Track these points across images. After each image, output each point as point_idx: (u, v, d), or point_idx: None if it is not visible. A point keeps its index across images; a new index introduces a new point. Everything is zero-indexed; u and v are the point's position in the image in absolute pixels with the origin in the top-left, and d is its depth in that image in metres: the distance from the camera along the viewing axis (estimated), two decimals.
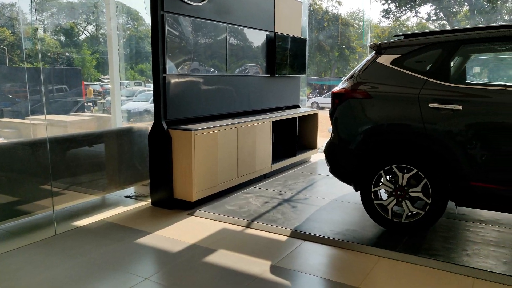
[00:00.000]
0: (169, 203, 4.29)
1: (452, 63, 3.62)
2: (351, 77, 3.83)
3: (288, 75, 6.23)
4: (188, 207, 4.26)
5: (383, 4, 24.86)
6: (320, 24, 22.62)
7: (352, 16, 25.16)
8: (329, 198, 4.62)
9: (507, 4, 21.42)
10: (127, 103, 12.86)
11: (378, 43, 3.72)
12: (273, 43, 5.78)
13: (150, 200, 4.48)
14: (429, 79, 3.39)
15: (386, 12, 25.59)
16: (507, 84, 3.30)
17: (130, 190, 4.91)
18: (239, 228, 3.80)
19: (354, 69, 3.90)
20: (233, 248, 3.36)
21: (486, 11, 20.91)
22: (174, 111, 4.31)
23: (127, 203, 4.51)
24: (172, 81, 4.25)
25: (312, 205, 4.40)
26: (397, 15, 25.64)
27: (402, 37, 3.69)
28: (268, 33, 5.73)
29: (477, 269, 2.97)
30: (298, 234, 3.62)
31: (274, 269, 3.01)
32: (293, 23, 6.35)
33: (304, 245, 3.44)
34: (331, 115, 3.88)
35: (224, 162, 4.55)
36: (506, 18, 20.93)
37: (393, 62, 3.57)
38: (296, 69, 6.37)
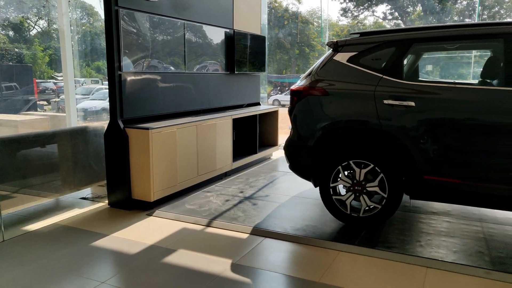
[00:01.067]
0: (127, 203, 4.18)
1: (405, 61, 3.73)
2: (309, 74, 3.87)
3: (248, 72, 6.23)
4: (147, 207, 4.17)
5: (341, 3, 25.39)
6: (280, 21, 22.79)
7: (311, 14, 25.54)
8: (290, 195, 4.66)
9: (456, 6, 22.45)
10: (83, 101, 12.44)
11: (335, 41, 3.78)
12: (232, 40, 5.75)
13: (107, 201, 4.35)
14: (384, 77, 3.48)
15: (345, 11, 26.18)
16: (456, 81, 3.44)
17: (86, 192, 4.75)
18: (200, 228, 3.76)
19: (312, 67, 3.95)
20: (194, 248, 3.32)
21: (437, 11, 21.81)
22: (131, 110, 4.19)
23: (83, 205, 4.35)
24: (129, 78, 4.13)
25: (273, 202, 4.42)
26: (355, 13, 26.29)
27: (358, 35, 3.77)
28: (227, 30, 5.70)
29: (430, 259, 3.09)
30: (259, 232, 3.62)
31: (234, 268, 2.99)
32: (252, 20, 6.35)
33: (265, 242, 3.44)
34: (290, 112, 3.90)
35: (184, 160, 4.49)
36: (455, 18, 21.94)
37: (350, 60, 3.64)
38: (256, 67, 6.38)
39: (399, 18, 25.18)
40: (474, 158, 3.18)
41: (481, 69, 3.60)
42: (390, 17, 25.69)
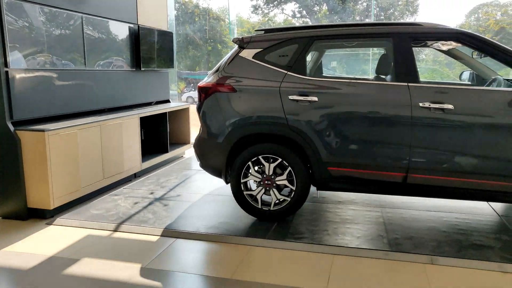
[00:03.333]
0: (23, 213, 3.80)
1: (307, 58, 3.87)
2: (216, 71, 3.84)
3: (156, 69, 6.03)
4: (46, 216, 3.83)
5: (251, 0, 25.77)
6: (191, 18, 22.48)
7: (223, 10, 25.58)
8: (202, 193, 4.61)
9: (357, 7, 24.02)
10: None
11: (241, 37, 3.80)
12: (137, 36, 5.52)
13: None
14: (288, 73, 3.57)
15: (255, 8, 26.60)
16: (356, 77, 3.66)
17: None
18: (106, 233, 3.55)
19: (219, 63, 3.93)
20: (100, 255, 3.12)
21: (341, 11, 23.16)
22: (23, 110, 3.81)
23: None
24: (18, 76, 3.75)
25: (185, 201, 4.33)
26: (266, 11, 26.85)
27: (263, 32, 3.82)
28: (131, 25, 5.45)
29: (336, 246, 3.25)
30: (170, 233, 3.52)
31: (144, 272, 2.87)
32: (158, 15, 6.15)
33: (176, 243, 3.36)
34: (199, 109, 3.85)
35: (87, 163, 4.21)
36: (357, 18, 23.47)
37: (255, 56, 3.68)
38: (163, 63, 6.20)
39: (307, 16, 26.27)
40: (372, 149, 3.41)
41: (376, 66, 3.86)
42: (298, 15, 26.68)
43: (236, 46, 3.84)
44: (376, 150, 3.40)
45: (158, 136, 5.93)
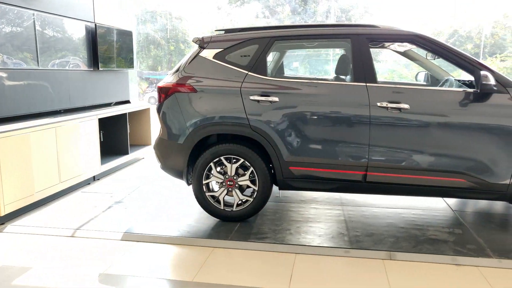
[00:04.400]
0: None
1: (268, 58, 3.88)
2: (176, 71, 3.78)
3: (115, 69, 5.86)
4: None
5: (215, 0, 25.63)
6: (152, 17, 22.09)
7: (185, 10, 25.26)
8: (164, 195, 4.53)
9: (319, 8, 24.42)
10: None
11: (201, 37, 3.76)
12: (95, 34, 5.34)
13: None
14: (249, 73, 3.57)
15: (218, 8, 26.49)
16: (316, 77, 3.70)
17: None
18: (63, 239, 3.41)
19: (179, 63, 3.87)
20: (54, 263, 2.99)
21: (303, 12, 23.46)
22: None
23: None
24: None
25: (146, 204, 4.24)
26: (229, 11, 26.79)
27: (223, 32, 3.80)
28: (88, 23, 5.28)
29: (298, 245, 3.27)
30: (130, 236, 3.43)
31: (102, 278, 2.78)
32: (117, 14, 5.99)
33: (137, 246, 3.27)
34: (158, 110, 3.78)
35: (42, 167, 4.03)
36: (319, 19, 23.85)
37: (216, 56, 3.65)
38: (123, 63, 6.04)
39: (270, 17, 26.42)
40: (332, 148, 3.46)
41: (335, 66, 3.92)
42: (261, 15, 26.80)
43: (196, 46, 3.79)
44: (336, 149, 3.45)
45: (118, 138, 5.78)
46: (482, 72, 3.18)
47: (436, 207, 4.13)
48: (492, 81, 3.16)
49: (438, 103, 3.34)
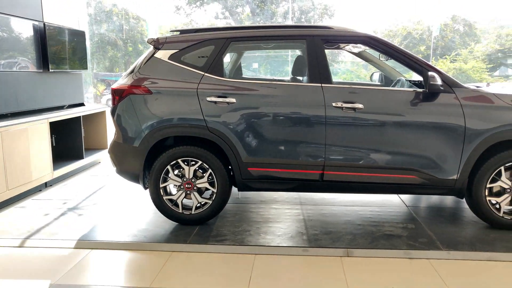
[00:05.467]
0: None
1: (226, 59, 3.87)
2: (131, 72, 3.69)
3: (67, 70, 5.65)
4: None
5: (173, 0, 25.29)
6: (109, 17, 21.50)
7: (143, 10, 24.76)
8: (120, 200, 4.41)
9: (279, 9, 24.65)
10: None
11: (156, 38, 3.69)
12: (44, 34, 5.12)
13: None
14: (206, 74, 3.54)
15: (177, 8, 26.17)
16: (273, 78, 3.72)
17: None
18: (10, 250, 3.24)
19: (134, 64, 3.79)
20: (1, 276, 2.84)
21: (258, 13, 23.59)
22: None
23: None
24: None
25: (102, 210, 4.11)
26: (188, 12, 26.52)
27: (179, 32, 3.75)
28: (36, 23, 5.05)
29: (257, 246, 3.28)
30: (84, 244, 3.31)
31: None
32: (68, 13, 5.77)
33: (91, 254, 3.16)
34: (113, 112, 3.67)
35: None
36: (280, 20, 24.09)
37: (171, 57, 3.60)
38: (75, 64, 5.83)
39: (230, 17, 26.39)
40: (289, 148, 3.49)
41: (292, 67, 3.97)
42: (221, 16, 26.72)
43: (151, 47, 3.72)
44: (294, 149, 3.49)
45: (72, 142, 5.57)
46: (430, 73, 3.30)
47: (391, 204, 4.26)
48: (439, 81, 3.30)
49: (390, 102, 3.44)
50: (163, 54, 3.60)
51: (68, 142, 5.56)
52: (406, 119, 3.39)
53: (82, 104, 6.16)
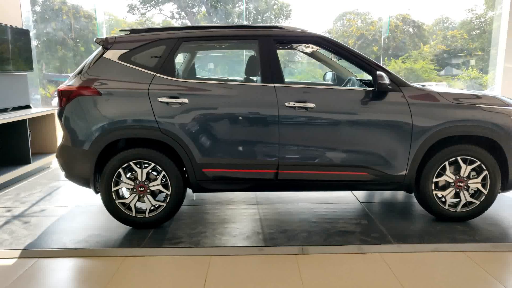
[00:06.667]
0: None
1: (179, 59, 3.81)
2: (79, 73, 3.56)
3: (10, 71, 5.36)
4: None
5: None
6: (58, 15, 20.62)
7: (95, 9, 23.96)
8: (70, 206, 4.24)
9: (235, 9, 24.65)
10: None
11: (105, 37, 3.58)
12: None
13: None
14: (157, 75, 3.47)
15: (131, 8, 25.52)
16: (227, 78, 3.71)
17: None
18: None
19: (82, 65, 3.65)
20: None
21: (214, 13, 23.49)
22: None
23: None
24: None
25: (50, 216, 3.93)
26: (142, 11, 25.94)
27: (128, 32, 3.65)
28: None
29: (213, 247, 3.25)
30: (30, 253, 3.15)
31: None
32: (9, 12, 5.48)
33: (38, 263, 3.02)
34: (60, 115, 3.53)
35: None
36: (236, 20, 24.07)
37: (121, 58, 3.50)
38: (19, 65, 5.54)
39: (186, 17, 26.09)
40: (244, 148, 3.49)
41: (245, 67, 3.96)
42: (177, 16, 26.35)
43: (100, 47, 3.60)
44: (248, 149, 3.49)
45: (17, 146, 5.30)
46: (378, 72, 3.41)
47: (345, 200, 4.36)
48: (387, 80, 3.41)
49: (341, 101, 3.52)
50: (112, 54, 3.50)
51: (14, 146, 5.28)
52: (357, 117, 3.48)
53: (28, 107, 5.87)
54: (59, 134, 6.20)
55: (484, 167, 3.53)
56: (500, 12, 7.35)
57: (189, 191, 3.70)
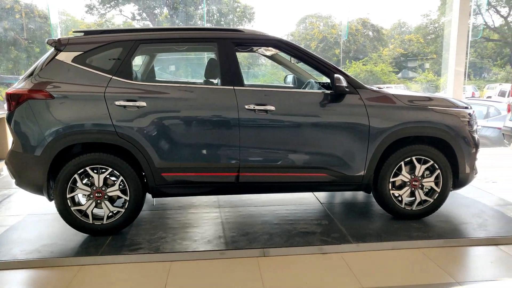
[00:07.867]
0: None
1: (137, 62, 3.73)
2: (29, 75, 3.41)
3: None
4: None
5: None
6: (10, 14, 19.74)
7: (51, 9, 23.11)
8: (22, 214, 4.05)
9: (198, 11, 24.50)
10: None
11: (57, 38, 3.45)
12: None
13: None
14: (114, 77, 3.38)
15: (90, 8, 24.83)
16: (186, 81, 3.67)
17: None
18: None
19: (33, 67, 3.50)
20: None
21: (176, 14, 23.27)
22: None
23: None
24: None
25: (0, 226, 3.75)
26: (102, 11, 25.29)
27: (83, 33, 3.54)
28: None
29: (173, 253, 3.19)
30: None
31: None
32: None
33: None
34: (9, 119, 3.37)
35: None
36: (199, 22, 23.93)
37: (75, 60, 3.38)
38: None
39: (148, 19, 25.66)
40: (204, 151, 3.45)
41: (204, 70, 3.93)
42: (138, 17, 25.88)
43: (52, 49, 3.47)
44: (208, 152, 3.46)
45: None
46: (336, 75, 3.47)
47: (306, 202, 4.41)
48: (344, 83, 3.47)
49: (300, 104, 3.56)
50: (65, 56, 3.38)
51: None
52: (315, 119, 3.53)
53: None
54: (11, 139, 5.92)
55: (437, 166, 3.67)
56: (451, 18, 7.71)
57: (148, 196, 3.61)
